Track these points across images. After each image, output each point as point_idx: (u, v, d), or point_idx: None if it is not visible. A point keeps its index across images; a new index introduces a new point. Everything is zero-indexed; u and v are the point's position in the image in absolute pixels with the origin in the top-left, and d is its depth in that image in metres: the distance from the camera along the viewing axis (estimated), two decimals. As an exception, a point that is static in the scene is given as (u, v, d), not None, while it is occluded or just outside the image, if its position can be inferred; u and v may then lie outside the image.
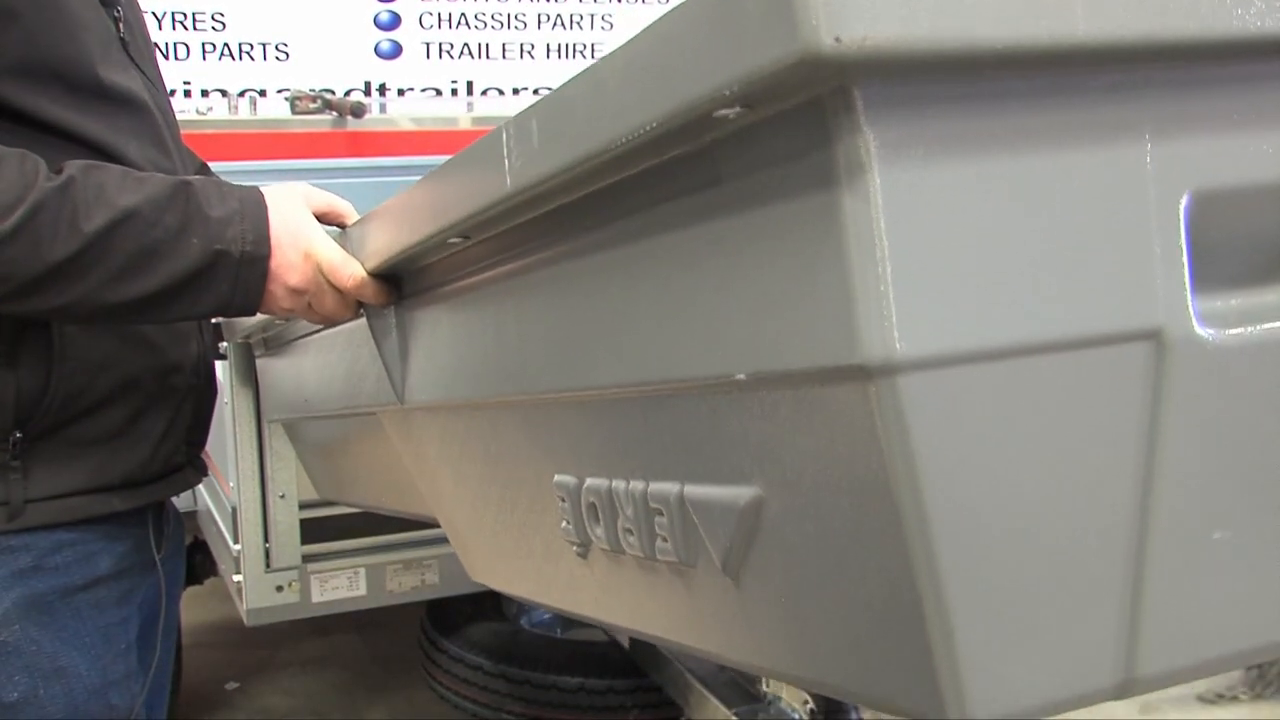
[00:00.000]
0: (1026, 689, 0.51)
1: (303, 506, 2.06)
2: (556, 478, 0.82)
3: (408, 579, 2.16)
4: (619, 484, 0.73)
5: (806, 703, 1.81)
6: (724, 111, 0.49)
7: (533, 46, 4.54)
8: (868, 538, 0.52)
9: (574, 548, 0.82)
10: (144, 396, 1.22)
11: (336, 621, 2.77)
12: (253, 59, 3.70)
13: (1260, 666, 3.12)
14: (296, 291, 1.06)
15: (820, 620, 0.58)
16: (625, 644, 2.23)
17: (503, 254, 0.83)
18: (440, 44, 4.44)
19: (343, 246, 1.06)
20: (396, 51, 4.40)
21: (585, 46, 4.59)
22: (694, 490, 0.65)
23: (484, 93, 4.46)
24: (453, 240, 0.82)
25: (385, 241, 0.97)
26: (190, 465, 1.34)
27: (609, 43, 4.60)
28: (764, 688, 1.86)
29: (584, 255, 0.72)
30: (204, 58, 3.58)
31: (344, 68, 4.10)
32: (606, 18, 4.58)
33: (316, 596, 2.10)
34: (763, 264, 0.53)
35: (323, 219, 1.11)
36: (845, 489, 0.52)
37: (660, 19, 0.52)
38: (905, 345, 0.46)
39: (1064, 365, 0.50)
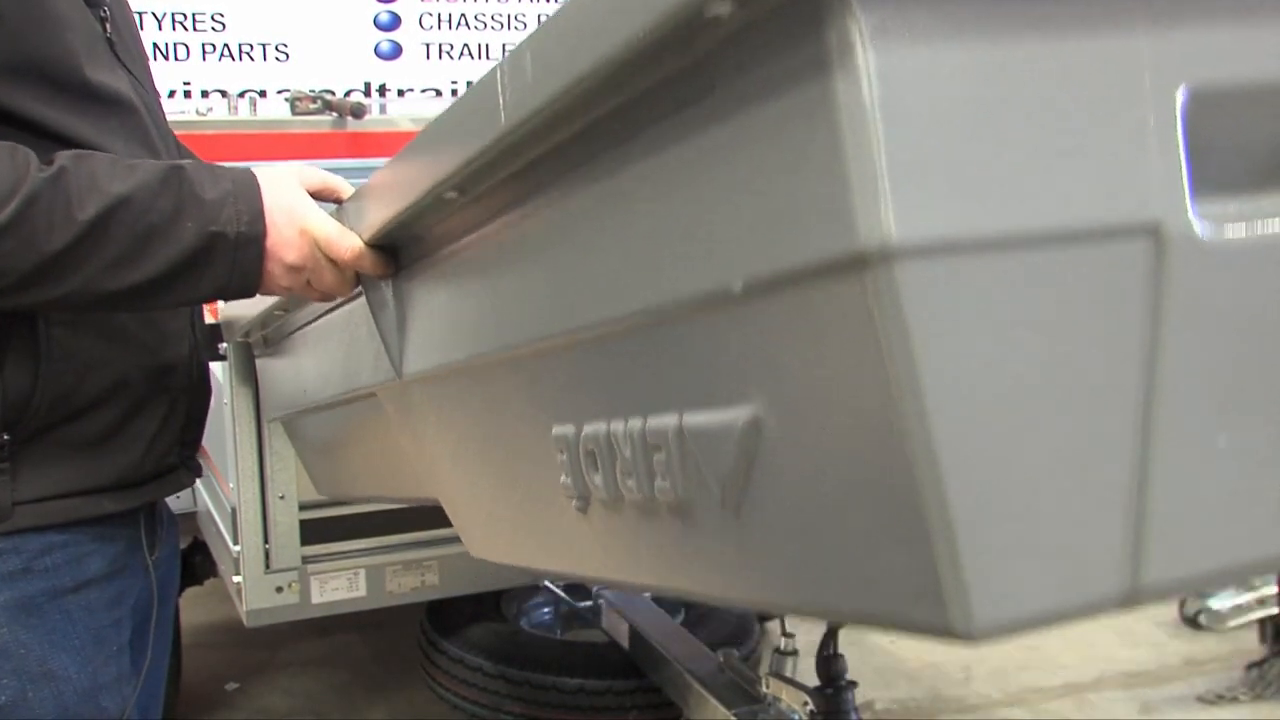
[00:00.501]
0: (1033, 595, 0.50)
1: (302, 507, 2.06)
2: (555, 430, 0.82)
3: (408, 580, 2.16)
4: (617, 425, 0.72)
5: (806, 704, 1.81)
6: (716, 10, 0.48)
7: (533, 47, 4.54)
8: (867, 445, 0.51)
9: (574, 503, 0.82)
10: (135, 397, 1.21)
11: (337, 622, 2.78)
12: (253, 60, 3.70)
13: (1260, 666, 3.13)
14: (294, 269, 1.06)
15: (822, 543, 0.57)
16: (625, 645, 2.23)
17: (496, 209, 0.83)
18: (440, 45, 4.45)
19: (340, 221, 1.05)
20: (396, 52, 4.40)
21: (585, 47, 4.59)
22: (692, 419, 0.64)
23: (484, 93, 4.45)
24: (448, 195, 0.81)
25: (382, 208, 0.96)
26: (184, 466, 1.33)
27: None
28: (763, 689, 1.86)
29: (575, 193, 0.71)
30: (204, 58, 3.58)
31: (344, 68, 4.10)
32: (606, 18, 4.59)
33: (316, 598, 2.10)
34: (756, 166, 0.53)
35: (318, 196, 1.10)
36: (843, 394, 0.52)
37: None
38: (902, 229, 0.46)
39: (1062, 259, 0.49)
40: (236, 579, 2.07)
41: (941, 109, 0.47)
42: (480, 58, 4.48)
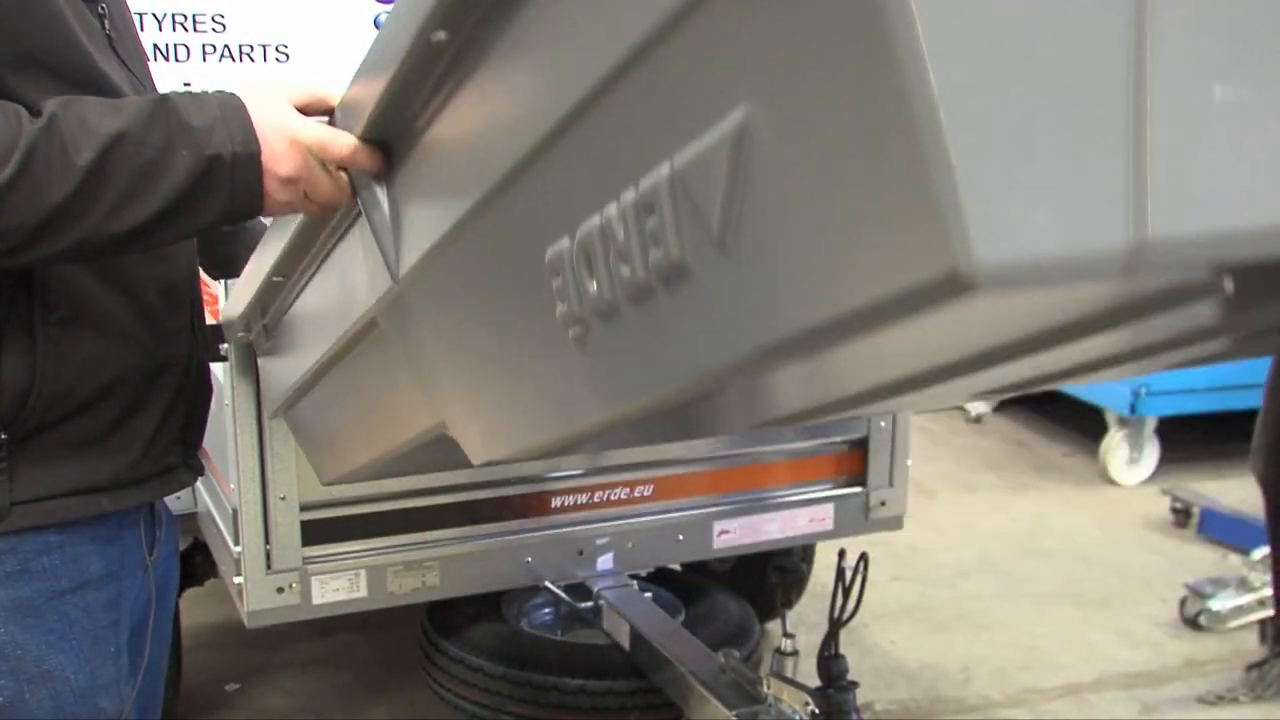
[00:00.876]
0: (1033, 237, 0.49)
1: (303, 508, 2.06)
2: (549, 254, 0.83)
3: (409, 580, 2.16)
4: (610, 209, 0.74)
5: (807, 704, 1.81)
6: None
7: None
8: (859, 109, 0.51)
9: (572, 334, 0.83)
10: (132, 396, 1.22)
11: (338, 622, 2.78)
12: (253, 60, 3.70)
13: (1260, 667, 3.13)
14: (290, 181, 1.06)
15: (820, 242, 0.57)
16: (626, 646, 2.24)
17: (482, 51, 0.84)
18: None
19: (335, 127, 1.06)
20: (397, 53, 4.39)
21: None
22: (681, 157, 0.65)
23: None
24: (436, 38, 0.83)
25: (372, 86, 0.97)
26: (185, 465, 1.34)
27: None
28: (765, 689, 1.86)
29: None
30: (204, 59, 3.58)
31: (344, 69, 4.10)
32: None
33: (317, 598, 2.10)
34: None
35: (307, 110, 1.09)
36: (831, 60, 0.52)
37: None
38: None
39: None
40: (238, 580, 2.07)
41: None
42: None
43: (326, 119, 1.08)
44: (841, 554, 1.95)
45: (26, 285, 1.12)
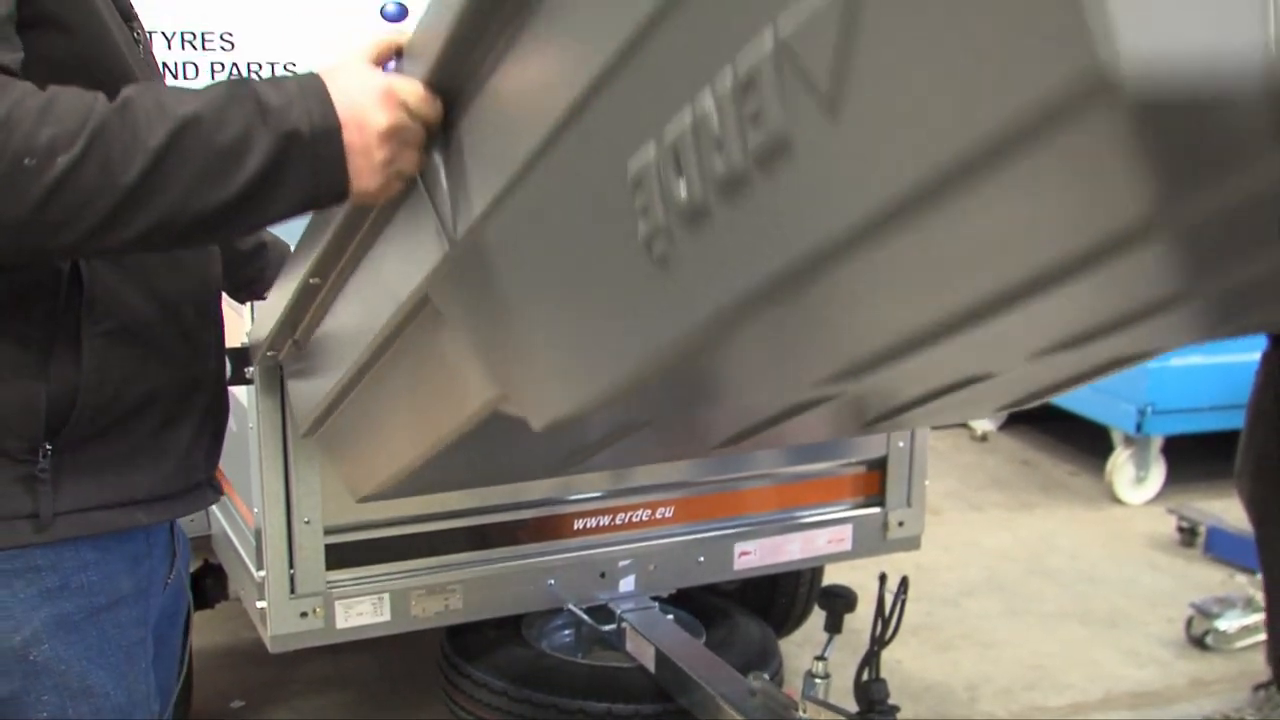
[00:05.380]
0: (1175, 34, 0.48)
1: (327, 532, 2.05)
2: (632, 168, 0.81)
3: (432, 604, 2.15)
4: (704, 100, 0.72)
5: (841, 727, 1.81)
6: None
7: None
8: None
9: (656, 252, 0.81)
10: (169, 411, 1.23)
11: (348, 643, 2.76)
12: (261, 79, 3.71)
13: (1267, 688, 3.14)
14: (386, 136, 1.03)
15: (949, 71, 0.55)
16: (650, 668, 2.23)
17: None
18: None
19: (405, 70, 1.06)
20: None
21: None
22: (787, 20, 0.63)
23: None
24: None
25: (433, 33, 0.97)
26: (209, 483, 1.34)
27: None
28: (801, 713, 1.85)
29: None
30: (213, 77, 3.58)
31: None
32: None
33: (341, 622, 2.09)
34: None
35: (380, 59, 1.09)
36: None
37: None
38: None
39: None
40: (261, 604, 2.06)
41: None
42: None
43: (395, 64, 1.07)
44: (883, 578, 1.96)
45: (75, 296, 1.13)
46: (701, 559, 2.38)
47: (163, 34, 3.47)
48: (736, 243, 0.74)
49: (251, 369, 1.81)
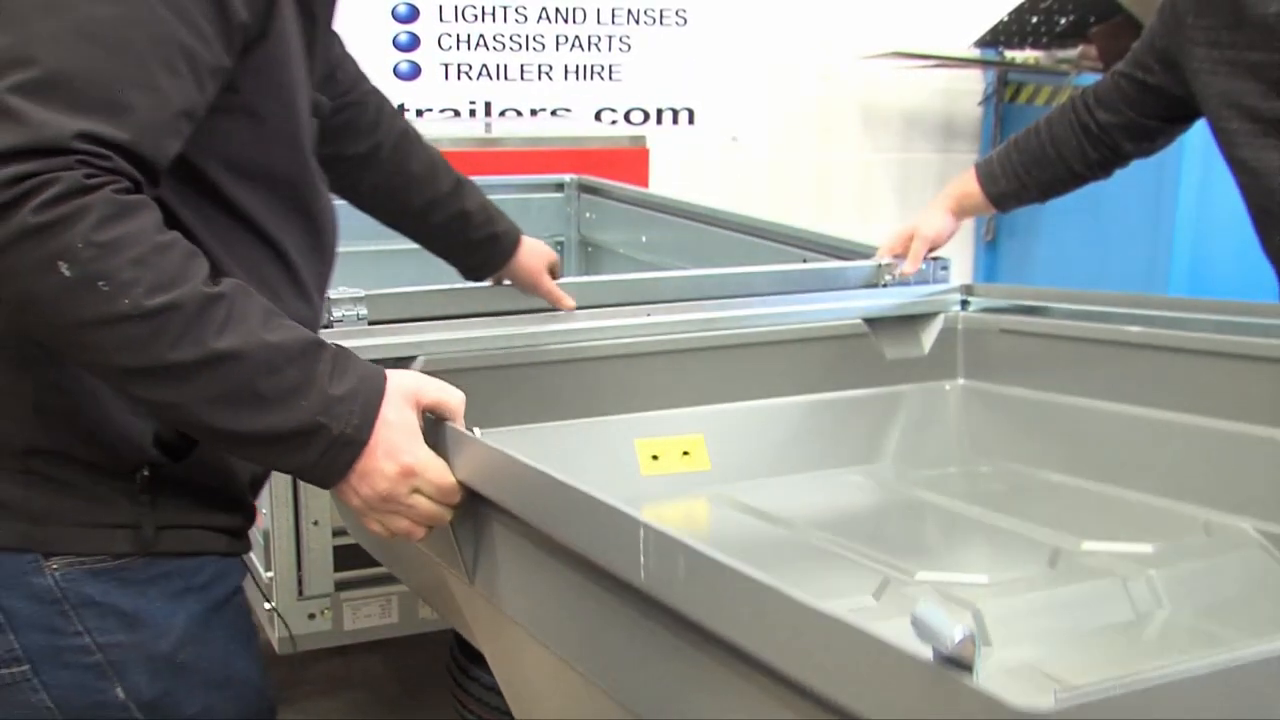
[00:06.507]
0: None
1: (335, 533, 2.05)
2: None
3: (440, 607, 2.15)
4: None
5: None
6: None
7: (550, 68, 4.55)
8: None
9: None
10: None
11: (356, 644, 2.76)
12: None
13: None
14: (380, 497, 1.08)
15: None
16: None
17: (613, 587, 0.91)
18: (458, 65, 4.46)
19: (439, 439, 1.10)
20: (415, 73, 4.42)
21: (603, 68, 4.60)
22: None
23: (502, 113, 4.47)
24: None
25: (490, 485, 1.05)
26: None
27: (627, 64, 4.61)
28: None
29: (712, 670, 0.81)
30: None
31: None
32: (624, 39, 4.60)
33: (349, 624, 2.09)
34: None
35: (431, 410, 1.13)
36: None
37: None
38: None
39: None
40: (268, 606, 2.06)
41: None
42: (498, 78, 4.49)
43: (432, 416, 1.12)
44: None
45: None
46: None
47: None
48: None
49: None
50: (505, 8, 4.40)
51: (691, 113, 4.73)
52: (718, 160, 4.74)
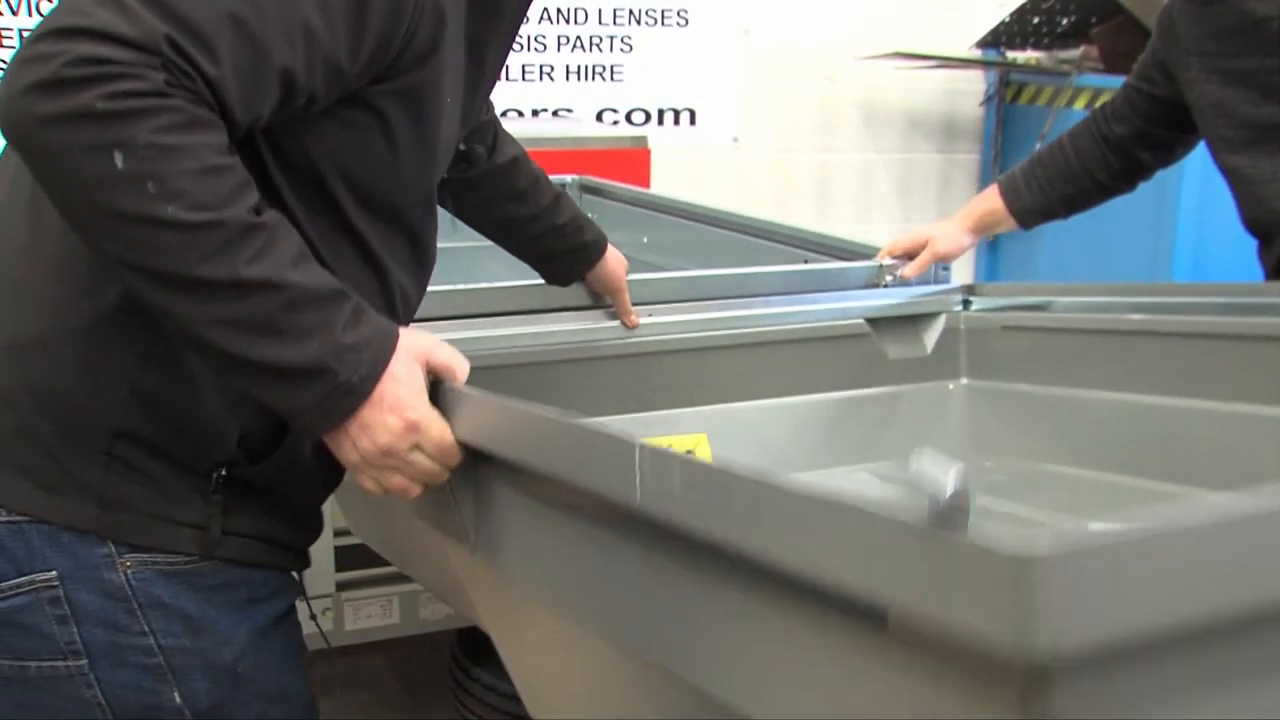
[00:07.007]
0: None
1: (336, 534, 2.05)
2: None
3: (441, 607, 2.16)
4: None
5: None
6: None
7: (552, 69, 4.55)
8: None
9: None
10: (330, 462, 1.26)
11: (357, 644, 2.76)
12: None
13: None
14: (380, 451, 1.07)
15: None
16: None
17: (615, 522, 0.91)
18: (460, 65, 4.45)
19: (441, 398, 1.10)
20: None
21: (604, 69, 4.60)
22: None
23: (504, 114, 4.45)
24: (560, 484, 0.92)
25: (489, 435, 1.04)
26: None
27: (628, 65, 4.61)
28: None
29: (717, 583, 0.81)
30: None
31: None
32: (626, 39, 4.59)
33: (350, 624, 2.10)
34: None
35: (437, 373, 1.12)
36: None
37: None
38: None
39: None
40: (271, 606, 2.06)
41: None
42: (500, 79, 4.49)
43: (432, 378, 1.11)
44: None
45: None
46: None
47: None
48: None
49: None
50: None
51: (693, 113, 4.73)
52: (719, 161, 4.74)
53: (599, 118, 4.61)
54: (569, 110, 4.58)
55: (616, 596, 0.94)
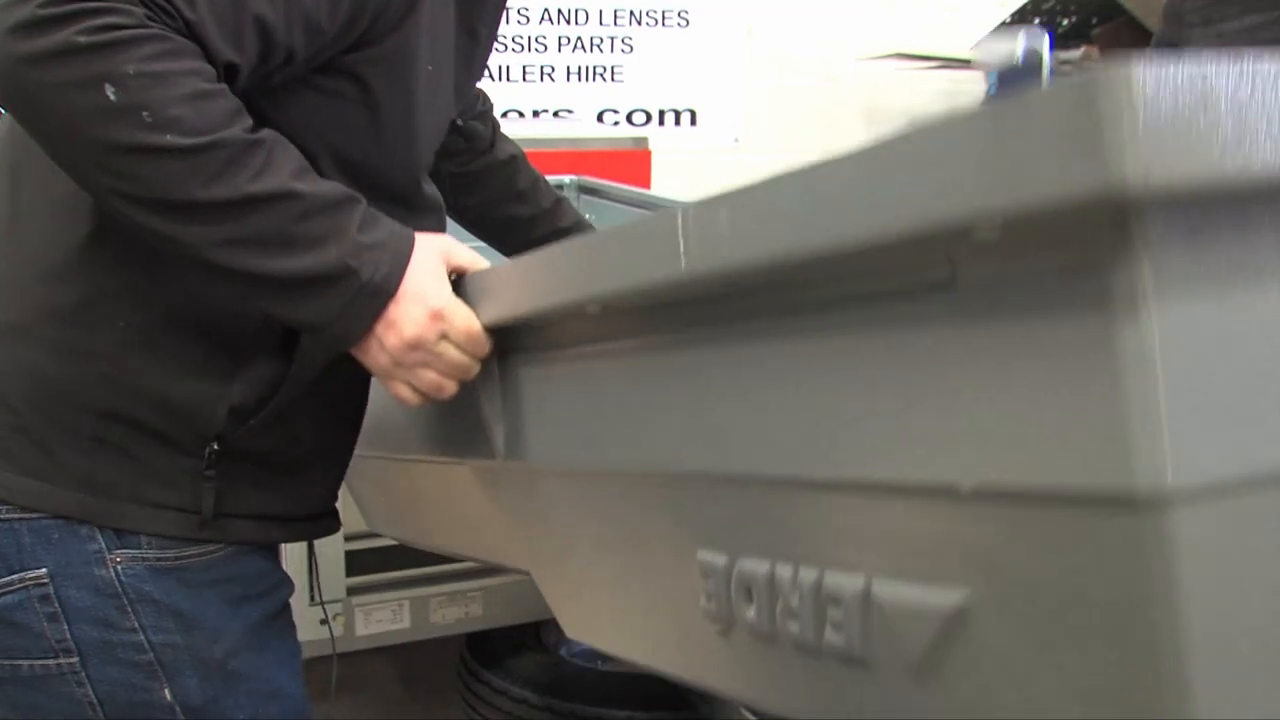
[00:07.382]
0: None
1: (348, 538, 2.05)
2: (700, 555, 0.79)
3: (451, 611, 2.16)
4: (783, 569, 0.70)
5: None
6: (983, 237, 0.49)
7: (553, 69, 4.54)
8: (1104, 665, 0.51)
9: (714, 627, 0.80)
10: (333, 425, 1.26)
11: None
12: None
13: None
14: (408, 345, 1.05)
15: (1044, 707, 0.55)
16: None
17: (648, 331, 0.82)
18: (461, 67, 4.44)
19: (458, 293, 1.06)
20: (418, 74, 4.40)
21: (605, 69, 4.60)
22: (884, 587, 0.63)
23: (504, 115, 4.45)
24: (592, 309, 0.81)
25: (512, 302, 0.97)
26: (334, 512, 1.36)
27: (629, 66, 4.61)
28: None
29: (759, 342, 0.70)
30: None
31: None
32: (627, 40, 4.59)
33: (361, 629, 2.10)
34: (1003, 377, 0.52)
35: (457, 271, 1.11)
36: (1083, 608, 0.52)
37: (907, 137, 0.52)
38: (1179, 476, 0.47)
39: None
40: (279, 610, 2.05)
41: (1224, 357, 0.48)
42: (500, 80, 4.48)
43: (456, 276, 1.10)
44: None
45: None
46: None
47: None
48: (804, 679, 0.73)
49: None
50: (507, 9, 4.39)
51: (694, 114, 4.73)
52: (720, 162, 4.74)
53: (600, 119, 4.61)
54: (569, 111, 4.57)
55: (656, 420, 0.84)
